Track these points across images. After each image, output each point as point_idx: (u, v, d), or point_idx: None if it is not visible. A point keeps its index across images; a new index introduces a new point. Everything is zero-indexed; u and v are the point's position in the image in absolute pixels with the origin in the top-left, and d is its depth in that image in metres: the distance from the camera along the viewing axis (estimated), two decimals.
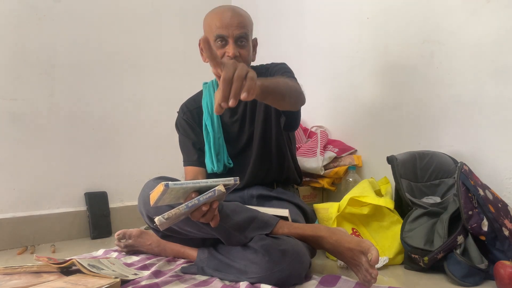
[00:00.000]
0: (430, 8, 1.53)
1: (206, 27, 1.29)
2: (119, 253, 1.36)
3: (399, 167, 1.35)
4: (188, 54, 2.16)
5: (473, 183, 1.13)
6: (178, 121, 1.43)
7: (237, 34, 1.23)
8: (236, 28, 1.23)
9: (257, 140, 1.33)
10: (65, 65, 1.72)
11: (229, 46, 1.23)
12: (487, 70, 1.37)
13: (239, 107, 1.36)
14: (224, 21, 1.22)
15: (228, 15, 1.24)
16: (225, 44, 1.24)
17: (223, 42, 1.24)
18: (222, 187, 0.89)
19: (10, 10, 1.58)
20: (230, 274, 1.04)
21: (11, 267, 1.02)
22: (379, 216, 1.34)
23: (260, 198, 1.33)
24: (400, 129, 1.63)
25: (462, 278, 1.06)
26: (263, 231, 1.05)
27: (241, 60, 1.25)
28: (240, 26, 1.23)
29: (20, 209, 1.59)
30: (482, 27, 1.39)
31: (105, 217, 1.77)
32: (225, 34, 1.23)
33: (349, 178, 1.67)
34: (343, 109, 1.84)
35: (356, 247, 0.98)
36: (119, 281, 0.94)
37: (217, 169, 1.32)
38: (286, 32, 2.11)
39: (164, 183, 0.84)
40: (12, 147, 1.57)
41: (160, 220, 0.86)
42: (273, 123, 1.33)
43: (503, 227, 1.09)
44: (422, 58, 1.55)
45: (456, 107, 1.46)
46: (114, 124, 1.87)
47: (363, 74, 1.76)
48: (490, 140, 1.37)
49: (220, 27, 1.23)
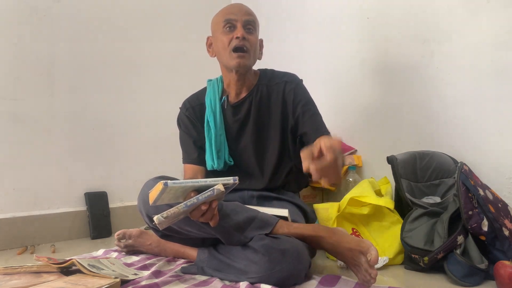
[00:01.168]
0: (430, 8, 1.53)
1: (214, 21, 1.33)
2: (119, 253, 1.36)
3: (399, 167, 1.35)
4: (188, 54, 2.16)
5: (473, 183, 1.12)
6: (180, 117, 1.42)
7: (245, 18, 1.28)
8: (244, 14, 1.29)
9: (255, 144, 1.33)
10: (65, 65, 1.73)
11: (238, 29, 1.26)
12: (487, 70, 1.37)
13: (243, 107, 1.35)
14: (233, 9, 1.30)
15: (237, 6, 1.32)
16: (233, 29, 1.27)
17: (231, 27, 1.28)
18: (221, 186, 0.89)
19: (10, 10, 1.58)
20: (230, 274, 1.04)
21: (11, 267, 1.02)
22: (379, 216, 1.34)
23: (260, 198, 1.32)
24: (400, 129, 1.63)
25: (462, 278, 1.06)
26: (263, 231, 1.04)
27: (248, 45, 1.26)
28: (248, 13, 1.30)
29: (20, 209, 1.59)
30: (482, 27, 1.38)
31: (105, 217, 1.77)
32: (234, 18, 1.27)
33: (349, 178, 1.67)
34: (343, 109, 1.84)
35: (356, 247, 0.98)
36: (119, 281, 0.94)
37: (217, 166, 1.31)
38: (287, 32, 2.10)
39: (163, 182, 0.84)
40: (12, 147, 1.58)
41: (159, 219, 0.86)
42: (278, 135, 1.33)
43: (503, 227, 1.09)
44: (422, 58, 1.55)
45: (456, 107, 1.46)
46: (114, 124, 1.88)
47: (363, 74, 1.76)
48: (490, 140, 1.36)
49: (228, 13, 1.29)
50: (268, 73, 1.39)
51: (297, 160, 1.33)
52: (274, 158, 1.33)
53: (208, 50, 1.38)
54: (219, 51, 1.31)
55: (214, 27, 1.33)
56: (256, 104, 1.34)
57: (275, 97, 1.33)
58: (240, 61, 1.26)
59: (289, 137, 1.34)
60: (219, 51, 1.32)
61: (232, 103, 1.36)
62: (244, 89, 1.35)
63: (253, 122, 1.34)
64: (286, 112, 1.32)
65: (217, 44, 1.32)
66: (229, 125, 1.36)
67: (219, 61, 1.35)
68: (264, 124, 1.34)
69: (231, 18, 1.27)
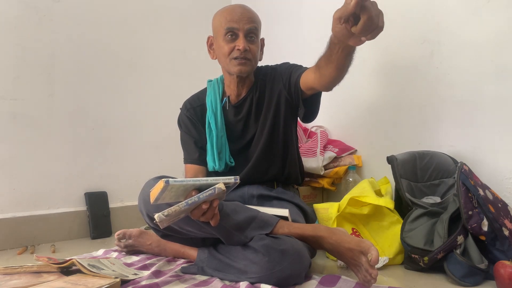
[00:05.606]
0: (430, 8, 1.53)
1: (216, 23, 1.31)
2: (119, 253, 1.36)
3: (399, 167, 1.35)
4: (188, 54, 2.16)
5: (473, 183, 1.13)
6: (180, 118, 1.43)
7: (247, 27, 1.26)
8: (246, 22, 1.26)
9: (264, 136, 1.33)
10: (65, 65, 1.72)
11: (240, 40, 1.25)
12: (487, 70, 1.37)
13: (244, 106, 1.36)
14: (235, 15, 1.26)
15: (239, 10, 1.28)
16: (235, 38, 1.26)
17: (233, 36, 1.26)
18: (222, 185, 0.89)
19: (10, 10, 1.58)
20: (230, 274, 1.04)
21: (11, 267, 1.02)
22: (379, 216, 1.34)
23: (260, 198, 1.33)
24: (400, 129, 1.63)
25: (462, 278, 1.06)
26: (263, 230, 1.05)
27: (250, 56, 1.27)
28: (250, 20, 1.27)
29: (20, 209, 1.59)
30: (482, 27, 1.38)
31: (105, 217, 1.77)
32: (236, 27, 1.25)
33: (349, 178, 1.67)
34: (343, 109, 1.84)
35: (356, 247, 0.98)
36: (119, 281, 0.94)
37: (218, 167, 1.32)
38: (286, 32, 2.11)
39: (164, 179, 0.84)
40: (12, 147, 1.58)
41: (160, 217, 0.86)
42: (281, 119, 1.34)
43: (503, 227, 1.09)
44: (422, 58, 1.55)
45: (456, 107, 1.46)
46: (114, 124, 1.88)
47: (363, 74, 1.76)
48: (490, 140, 1.36)
49: (230, 20, 1.26)
50: (262, 68, 1.41)
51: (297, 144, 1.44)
52: (281, 148, 1.35)
53: (209, 51, 1.38)
54: (220, 56, 1.32)
55: (215, 29, 1.32)
56: (256, 101, 1.36)
57: (270, 86, 1.35)
58: (241, 68, 1.28)
59: (290, 114, 1.35)
60: (220, 57, 1.33)
61: (233, 104, 1.37)
62: (245, 89, 1.37)
63: (256, 118, 1.35)
64: (280, 92, 1.34)
65: (218, 49, 1.32)
66: (232, 125, 1.37)
67: (220, 64, 1.36)
68: (266, 116, 1.34)
69: (233, 27, 1.25)
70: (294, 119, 1.40)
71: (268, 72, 1.38)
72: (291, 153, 1.39)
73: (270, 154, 1.35)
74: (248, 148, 1.36)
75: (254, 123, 1.36)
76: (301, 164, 1.49)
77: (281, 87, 1.33)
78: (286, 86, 1.32)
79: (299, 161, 1.46)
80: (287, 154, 1.38)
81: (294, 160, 1.41)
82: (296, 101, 1.31)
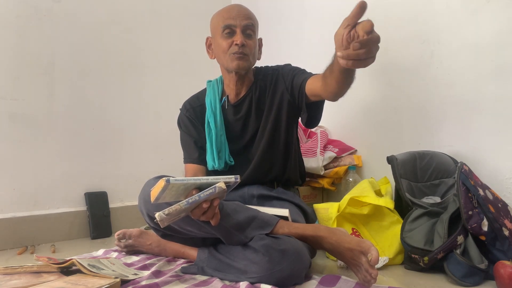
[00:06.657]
0: (430, 8, 1.53)
1: (214, 23, 1.33)
2: (119, 253, 1.36)
3: (399, 167, 1.35)
4: (188, 54, 2.16)
5: (473, 183, 1.13)
6: (180, 118, 1.44)
7: (244, 23, 1.27)
8: (243, 19, 1.28)
9: (265, 137, 1.34)
10: (65, 65, 1.72)
11: (237, 35, 1.27)
12: (487, 70, 1.37)
13: (243, 105, 1.36)
14: (232, 13, 1.29)
15: (236, 8, 1.31)
16: (232, 34, 1.28)
17: (230, 32, 1.28)
18: (223, 184, 0.89)
19: (10, 10, 1.58)
20: (230, 274, 1.04)
21: (11, 267, 1.02)
22: (379, 216, 1.34)
23: (260, 198, 1.33)
24: (400, 129, 1.63)
25: (462, 278, 1.06)
26: (263, 230, 1.05)
27: (248, 51, 1.27)
28: (247, 17, 1.29)
29: (20, 209, 1.59)
30: (482, 27, 1.39)
31: (105, 217, 1.76)
32: (233, 24, 1.27)
33: (349, 178, 1.67)
34: (343, 109, 1.84)
35: (356, 247, 0.98)
36: (119, 281, 0.94)
37: (218, 166, 1.32)
38: (286, 32, 2.11)
39: (165, 178, 0.84)
40: (12, 147, 1.57)
41: (161, 216, 0.86)
42: (283, 120, 1.34)
43: (503, 227, 1.09)
44: (422, 58, 1.55)
45: (456, 107, 1.46)
46: (114, 124, 1.88)
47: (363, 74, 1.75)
48: (490, 140, 1.36)
49: (227, 17, 1.28)
50: (262, 69, 1.42)
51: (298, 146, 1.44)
52: (282, 149, 1.35)
53: (208, 51, 1.39)
54: (219, 54, 1.33)
55: (213, 29, 1.33)
56: (256, 100, 1.36)
57: (272, 87, 1.36)
58: (239, 63, 1.28)
59: (292, 116, 1.35)
60: (218, 54, 1.33)
61: (232, 103, 1.37)
62: (244, 88, 1.37)
63: (255, 117, 1.35)
64: (283, 93, 1.34)
65: (216, 47, 1.33)
66: (231, 124, 1.37)
67: (219, 63, 1.36)
68: (267, 117, 1.35)
69: (230, 24, 1.27)
70: (295, 121, 1.40)
71: (269, 73, 1.38)
72: (292, 154, 1.39)
73: (272, 155, 1.35)
74: (248, 148, 1.37)
75: (254, 123, 1.36)
76: (303, 165, 1.49)
77: (283, 88, 1.33)
78: (288, 88, 1.32)
79: (300, 163, 1.46)
80: (288, 156, 1.38)
81: (295, 162, 1.41)
82: (299, 104, 1.31)
